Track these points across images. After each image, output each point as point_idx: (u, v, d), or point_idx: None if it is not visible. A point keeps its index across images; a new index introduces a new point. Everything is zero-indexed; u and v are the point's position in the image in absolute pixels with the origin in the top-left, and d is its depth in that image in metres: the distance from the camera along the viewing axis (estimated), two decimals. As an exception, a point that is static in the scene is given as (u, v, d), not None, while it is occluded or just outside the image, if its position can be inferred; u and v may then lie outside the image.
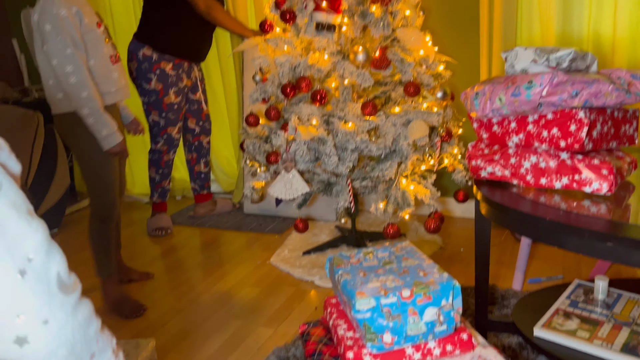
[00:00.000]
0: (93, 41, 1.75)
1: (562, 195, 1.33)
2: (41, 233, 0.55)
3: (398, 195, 2.00)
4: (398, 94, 2.18)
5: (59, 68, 1.68)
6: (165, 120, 2.61)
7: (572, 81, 1.19)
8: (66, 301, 0.56)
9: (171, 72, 2.55)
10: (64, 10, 1.66)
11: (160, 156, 2.69)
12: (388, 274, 1.19)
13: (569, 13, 2.18)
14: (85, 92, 1.71)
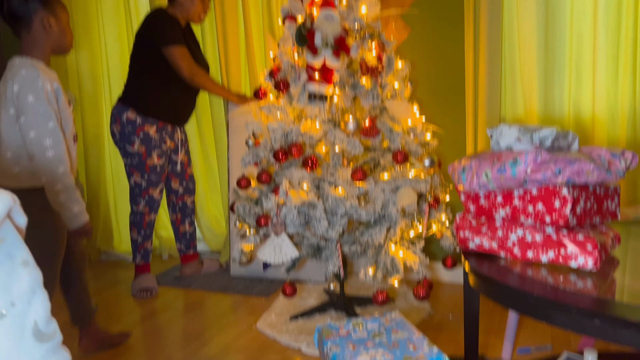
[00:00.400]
0: (65, 119, 1.74)
1: (549, 269, 1.35)
2: (27, 282, 0.59)
3: (387, 261, 2.01)
4: (387, 160, 2.24)
5: (36, 141, 1.63)
6: (147, 181, 2.63)
7: (555, 160, 1.24)
8: (37, 349, 0.59)
9: (154, 135, 2.60)
10: (48, 84, 1.66)
11: (142, 217, 2.69)
12: (377, 347, 1.19)
13: (550, 87, 2.29)
14: (61, 168, 1.66)
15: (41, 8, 1.69)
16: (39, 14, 1.68)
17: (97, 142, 3.20)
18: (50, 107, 1.64)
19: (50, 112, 1.64)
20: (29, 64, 1.66)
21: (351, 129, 2.04)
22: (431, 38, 2.51)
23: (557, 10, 2.23)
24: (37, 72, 1.64)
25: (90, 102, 3.15)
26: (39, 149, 1.64)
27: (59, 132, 1.66)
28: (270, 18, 2.71)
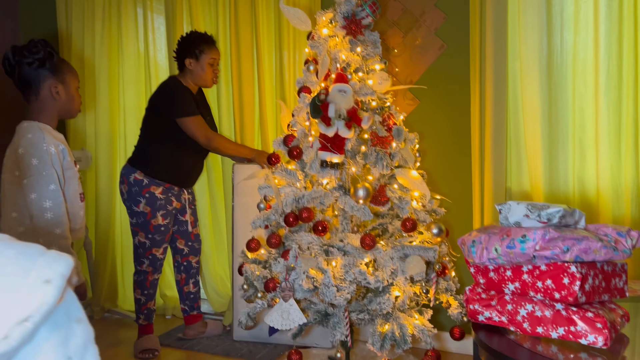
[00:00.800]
0: (70, 179, 1.78)
1: (559, 346, 1.35)
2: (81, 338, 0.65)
3: (395, 330, 2.00)
4: (395, 227, 2.27)
5: (36, 202, 1.66)
6: (151, 241, 2.67)
7: (563, 237, 1.28)
8: None
9: (160, 196, 2.66)
10: (53, 147, 1.71)
11: (145, 277, 2.70)
12: None
13: (555, 161, 2.36)
14: (59, 230, 1.69)
15: (50, 76, 1.77)
16: (47, 81, 1.77)
17: (108, 201, 3.25)
18: (53, 169, 1.69)
19: (53, 175, 1.69)
20: (36, 128, 1.73)
21: (361, 196, 2.09)
22: (438, 110, 2.62)
23: (559, 85, 2.33)
24: (42, 136, 1.71)
25: (104, 161, 3.24)
26: (39, 211, 1.67)
27: (60, 195, 1.70)
28: (282, 88, 2.83)
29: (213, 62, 2.67)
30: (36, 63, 1.74)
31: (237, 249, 2.74)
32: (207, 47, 2.65)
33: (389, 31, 2.66)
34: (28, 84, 1.77)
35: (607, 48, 2.22)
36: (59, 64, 1.80)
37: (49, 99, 1.78)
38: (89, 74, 3.22)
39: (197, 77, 2.68)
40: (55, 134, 1.79)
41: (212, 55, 2.67)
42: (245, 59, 2.89)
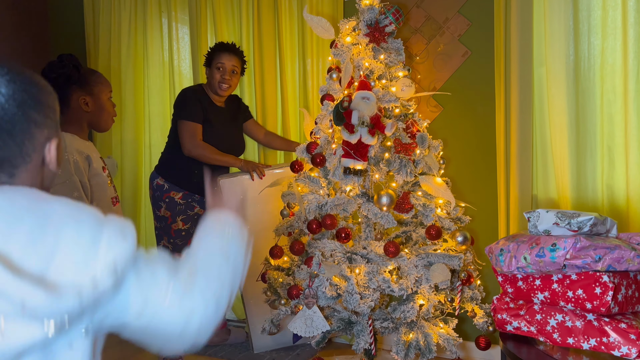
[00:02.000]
0: (98, 185, 1.83)
1: (590, 357, 1.32)
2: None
3: (420, 340, 1.98)
4: (419, 235, 2.25)
5: None
6: (173, 245, 2.69)
7: (594, 246, 1.25)
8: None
9: (180, 201, 2.68)
10: (75, 155, 1.76)
11: None
12: None
13: (583, 168, 2.31)
14: None
15: (78, 89, 1.83)
16: (76, 94, 1.83)
17: (133, 208, 3.30)
18: (76, 177, 1.74)
19: (76, 183, 1.73)
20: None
21: (385, 204, 2.08)
22: (463, 117, 2.59)
23: (587, 91, 2.29)
24: (64, 146, 1.76)
25: (130, 169, 3.29)
26: None
27: (85, 202, 1.73)
28: (306, 95, 2.85)
29: (220, 67, 2.63)
30: (62, 77, 1.80)
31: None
32: (217, 53, 2.65)
33: (412, 38, 2.65)
34: (58, 98, 1.82)
35: (636, 53, 2.18)
36: (87, 76, 1.85)
37: (78, 111, 1.84)
38: (115, 83, 3.29)
39: (210, 83, 2.69)
40: (82, 143, 1.83)
41: (220, 60, 2.63)
42: (269, 67, 2.91)
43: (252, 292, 2.71)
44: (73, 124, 1.84)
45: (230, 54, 2.65)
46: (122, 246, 0.71)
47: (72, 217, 0.72)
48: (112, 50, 3.28)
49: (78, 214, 0.73)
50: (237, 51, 2.68)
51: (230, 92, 2.72)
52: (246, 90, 2.99)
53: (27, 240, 0.66)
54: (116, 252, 0.70)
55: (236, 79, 2.70)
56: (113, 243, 0.71)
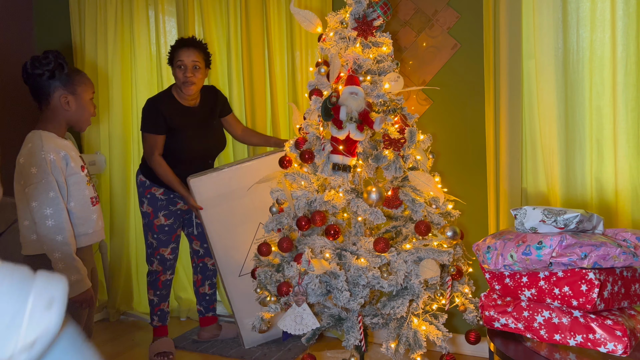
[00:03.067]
0: (76, 184, 1.79)
1: (577, 354, 1.32)
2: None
3: (409, 335, 1.98)
4: (409, 230, 2.25)
5: (37, 210, 1.68)
6: (157, 241, 2.70)
7: (580, 244, 1.25)
8: None
9: (162, 197, 2.68)
10: (52, 154, 1.72)
11: (156, 277, 2.72)
12: None
13: (572, 161, 2.31)
14: (60, 236, 1.70)
15: (60, 87, 1.79)
16: (57, 92, 1.79)
17: (123, 204, 3.28)
18: (52, 177, 1.71)
19: (52, 182, 1.70)
20: (36, 137, 1.75)
21: (374, 199, 2.07)
22: (452, 110, 2.58)
23: (576, 83, 2.29)
24: (40, 144, 1.73)
25: (118, 164, 3.26)
26: (40, 218, 1.69)
27: (60, 202, 1.71)
28: (295, 90, 2.82)
29: (181, 64, 2.55)
30: (47, 74, 1.77)
31: (221, 261, 2.68)
32: (176, 51, 2.57)
33: (401, 31, 2.63)
34: (40, 93, 1.80)
35: (624, 46, 2.17)
36: (71, 74, 1.82)
37: (59, 109, 1.80)
38: (102, 77, 3.25)
39: (176, 82, 2.63)
40: (59, 142, 1.80)
41: (179, 57, 2.55)
42: (257, 61, 2.88)
43: (237, 288, 2.70)
44: (51, 122, 1.80)
45: (189, 49, 2.56)
46: (47, 320, 0.62)
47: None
48: (98, 44, 3.24)
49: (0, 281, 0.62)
50: (196, 44, 2.59)
51: (197, 89, 2.62)
52: (235, 84, 2.96)
53: None
54: (38, 330, 0.61)
55: (200, 74, 2.59)
56: (37, 318, 0.61)
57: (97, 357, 0.67)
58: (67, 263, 1.71)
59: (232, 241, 2.68)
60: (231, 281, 2.70)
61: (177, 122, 2.62)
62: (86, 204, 1.83)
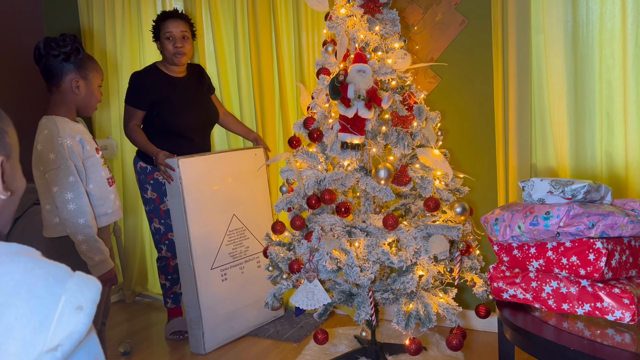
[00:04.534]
0: (93, 166, 1.83)
1: (585, 322, 1.34)
2: None
3: (420, 309, 2.01)
4: (418, 207, 2.27)
5: (58, 195, 1.73)
6: (164, 226, 2.70)
7: (587, 213, 1.26)
8: None
9: (165, 181, 2.64)
10: (68, 139, 1.76)
11: (166, 262, 2.75)
12: (413, 400, 1.19)
13: (581, 135, 2.30)
14: (82, 219, 1.74)
15: (73, 70, 1.81)
16: (70, 75, 1.81)
17: (134, 187, 3.31)
18: (70, 162, 1.74)
19: (70, 167, 1.74)
20: (51, 123, 1.78)
21: (383, 177, 2.09)
22: (460, 87, 2.58)
23: (585, 57, 2.27)
24: (57, 130, 1.76)
25: (129, 149, 3.29)
26: (61, 203, 1.74)
27: (80, 186, 1.75)
28: (302, 70, 2.82)
29: (169, 36, 2.55)
30: (62, 56, 1.78)
31: (195, 250, 2.51)
32: (162, 23, 2.57)
33: (408, 8, 2.62)
34: (51, 75, 1.82)
35: (635, 17, 2.14)
36: (84, 60, 1.84)
37: (69, 92, 1.82)
38: (112, 63, 3.27)
39: (164, 57, 2.63)
40: (73, 126, 1.83)
41: (167, 29, 2.55)
42: (264, 42, 2.88)
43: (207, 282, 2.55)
44: (62, 106, 1.83)
45: (176, 20, 2.56)
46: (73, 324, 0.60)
47: (26, 286, 0.61)
48: (107, 29, 3.25)
49: (34, 282, 0.62)
50: (182, 15, 2.60)
51: (187, 60, 2.66)
52: (242, 65, 2.97)
53: None
54: (64, 333, 0.59)
55: (189, 44, 2.61)
56: (64, 322, 0.60)
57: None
58: (90, 245, 1.76)
59: (208, 230, 2.57)
60: (203, 273, 2.54)
61: (164, 92, 2.62)
62: (104, 185, 1.87)
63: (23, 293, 0.60)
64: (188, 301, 2.55)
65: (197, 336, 2.53)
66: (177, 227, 2.53)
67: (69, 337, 0.59)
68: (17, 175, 0.78)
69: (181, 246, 2.53)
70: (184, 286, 2.55)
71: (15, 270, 0.62)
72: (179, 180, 2.48)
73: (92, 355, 0.63)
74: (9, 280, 0.60)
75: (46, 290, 0.61)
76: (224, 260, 2.64)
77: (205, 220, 2.56)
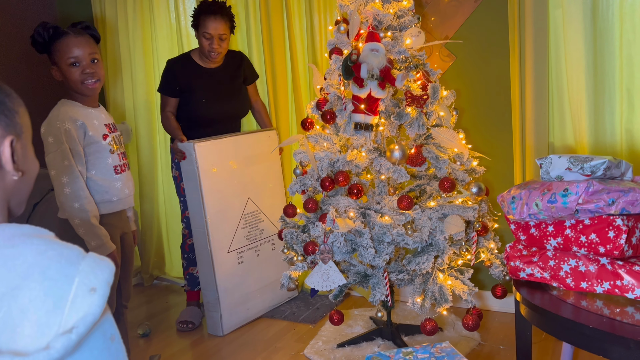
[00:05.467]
0: (96, 153, 1.81)
1: (604, 300, 1.32)
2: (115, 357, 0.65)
3: (435, 290, 2.00)
4: (433, 188, 2.25)
5: (56, 178, 1.73)
6: (183, 204, 2.74)
7: (607, 190, 1.23)
8: None
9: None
10: (67, 123, 1.74)
11: (184, 240, 2.78)
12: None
13: (601, 112, 2.25)
14: (77, 204, 1.73)
15: (50, 59, 1.79)
16: (52, 65, 1.80)
17: (151, 172, 3.34)
18: (66, 145, 1.73)
19: (65, 151, 1.72)
20: (57, 107, 1.79)
21: (397, 158, 2.07)
22: (476, 65, 2.53)
23: (605, 32, 2.20)
24: (57, 113, 1.76)
25: (145, 133, 3.31)
26: (58, 186, 1.74)
27: (75, 170, 1.74)
28: (314, 51, 2.80)
29: (207, 35, 2.54)
30: (39, 47, 1.77)
31: (212, 233, 2.52)
32: (202, 19, 2.54)
33: (421, -15, 2.56)
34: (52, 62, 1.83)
35: (658, -11, 2.08)
36: (51, 46, 1.77)
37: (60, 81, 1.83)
38: (124, 47, 3.27)
39: (200, 48, 2.63)
40: (80, 110, 1.80)
41: (206, 28, 2.53)
42: (276, 24, 2.85)
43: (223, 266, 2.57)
44: (68, 93, 1.83)
45: (217, 19, 2.52)
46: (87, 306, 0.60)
47: (39, 269, 0.61)
48: (118, 14, 3.25)
49: (47, 264, 0.61)
50: (223, 13, 2.54)
51: (223, 56, 2.67)
52: (254, 48, 2.95)
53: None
54: (79, 315, 0.59)
55: (226, 44, 2.61)
56: (78, 303, 0.60)
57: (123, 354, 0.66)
58: (86, 229, 1.76)
59: (224, 213, 2.58)
60: (220, 257, 2.55)
61: (192, 83, 2.64)
62: (108, 172, 1.84)
63: (36, 275, 0.60)
64: (205, 284, 2.57)
65: (214, 318, 2.56)
66: (194, 211, 2.55)
67: (83, 319, 0.59)
68: (28, 156, 0.78)
69: (198, 230, 2.55)
70: (201, 269, 2.57)
71: (28, 252, 0.62)
72: (195, 164, 2.48)
73: (107, 335, 0.64)
74: (22, 262, 0.61)
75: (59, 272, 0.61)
76: (240, 244, 2.66)
77: (221, 204, 2.57)
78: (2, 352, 0.56)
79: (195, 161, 2.48)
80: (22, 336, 0.57)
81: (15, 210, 0.78)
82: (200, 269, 2.58)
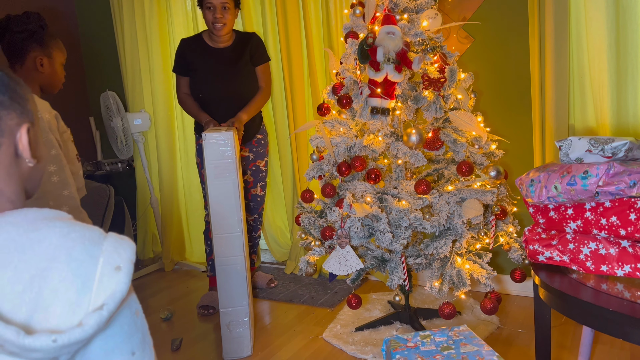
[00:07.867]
0: (66, 142, 1.82)
1: (624, 284, 1.30)
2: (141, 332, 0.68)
3: (453, 274, 2.00)
4: (451, 172, 2.23)
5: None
6: (205, 191, 2.76)
7: (629, 171, 1.21)
8: None
9: None
10: (46, 114, 1.74)
11: (207, 227, 2.81)
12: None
13: (623, 93, 2.20)
14: (66, 191, 1.74)
15: (37, 48, 1.78)
16: (33, 53, 1.78)
17: (170, 159, 3.38)
18: (51, 135, 1.73)
19: (52, 141, 1.73)
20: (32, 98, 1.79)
21: (414, 142, 2.06)
22: (494, 47, 2.49)
23: (628, 9, 2.14)
24: (35, 105, 1.76)
25: (163, 121, 3.34)
26: (46, 175, 1.73)
27: (62, 159, 1.75)
28: (330, 35, 2.78)
29: (210, 5, 2.52)
30: (25, 33, 1.75)
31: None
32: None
33: (438, -34, 2.52)
34: (14, 52, 1.79)
35: (684, -37, 2.01)
36: (48, 38, 1.80)
37: (32, 70, 1.80)
38: (141, 37, 3.29)
39: (206, 24, 2.61)
40: (41, 103, 1.78)
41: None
42: (291, 8, 2.84)
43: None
44: (27, 84, 1.82)
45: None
46: (114, 283, 0.63)
47: (65, 250, 0.63)
48: (135, 3, 3.27)
49: (71, 245, 0.64)
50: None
51: (228, 30, 2.60)
52: (270, 32, 2.95)
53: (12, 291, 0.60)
54: (107, 292, 0.62)
55: (230, 14, 2.56)
56: (106, 281, 0.63)
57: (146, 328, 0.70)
58: (75, 216, 1.76)
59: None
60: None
61: (199, 62, 2.65)
62: (74, 160, 1.86)
63: (63, 256, 0.62)
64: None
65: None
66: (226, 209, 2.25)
67: (112, 296, 0.62)
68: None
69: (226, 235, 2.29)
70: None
71: (53, 235, 0.64)
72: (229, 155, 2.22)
73: (133, 310, 0.67)
74: (48, 245, 0.63)
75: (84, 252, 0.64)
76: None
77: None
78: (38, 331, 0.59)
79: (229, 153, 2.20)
80: (55, 315, 0.60)
81: (29, 193, 0.81)
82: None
